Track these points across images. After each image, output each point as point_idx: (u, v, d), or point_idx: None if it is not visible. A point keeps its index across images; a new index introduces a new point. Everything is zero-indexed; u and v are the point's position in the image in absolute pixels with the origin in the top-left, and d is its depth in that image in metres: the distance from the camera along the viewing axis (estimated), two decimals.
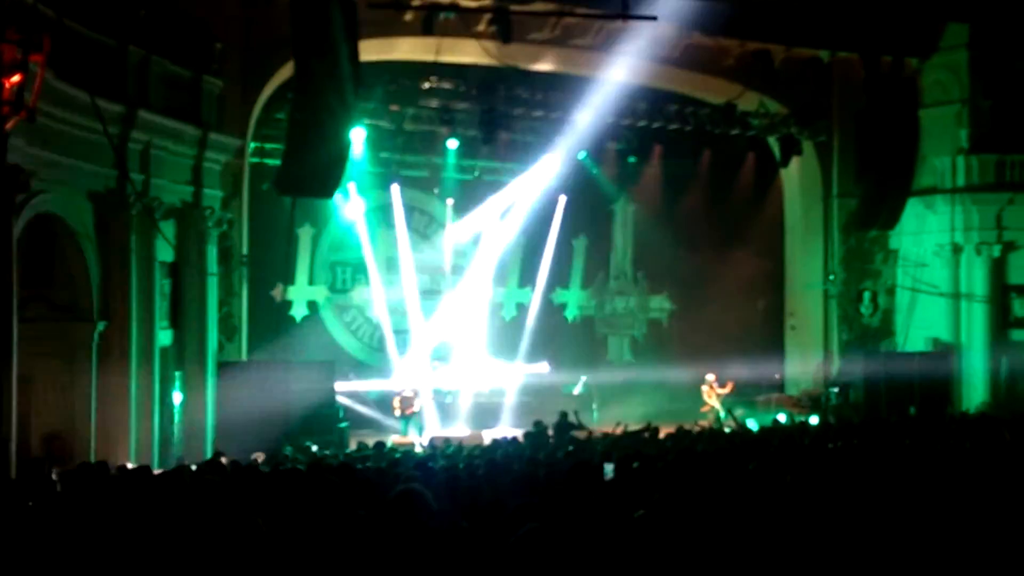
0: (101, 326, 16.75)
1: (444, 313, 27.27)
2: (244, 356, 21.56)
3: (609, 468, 11.85)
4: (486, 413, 25.63)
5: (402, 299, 27.22)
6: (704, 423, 23.24)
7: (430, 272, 28.04)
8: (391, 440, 20.26)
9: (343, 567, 6.87)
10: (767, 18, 24.38)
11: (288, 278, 25.52)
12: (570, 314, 29.76)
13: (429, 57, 21.54)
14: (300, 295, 26.36)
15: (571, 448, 15.51)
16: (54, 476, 11.90)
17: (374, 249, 26.93)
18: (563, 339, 28.68)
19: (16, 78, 12.08)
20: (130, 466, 14.35)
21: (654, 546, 6.27)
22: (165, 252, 18.33)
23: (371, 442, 17.13)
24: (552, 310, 29.31)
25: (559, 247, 28.82)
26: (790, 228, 27.54)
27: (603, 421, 24.47)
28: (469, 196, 27.43)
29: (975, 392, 24.64)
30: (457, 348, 26.76)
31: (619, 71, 24.86)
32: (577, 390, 25.22)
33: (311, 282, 26.67)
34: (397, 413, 23.33)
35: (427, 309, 28.06)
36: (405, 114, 23.01)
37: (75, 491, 10.13)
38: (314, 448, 18.14)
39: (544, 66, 23.90)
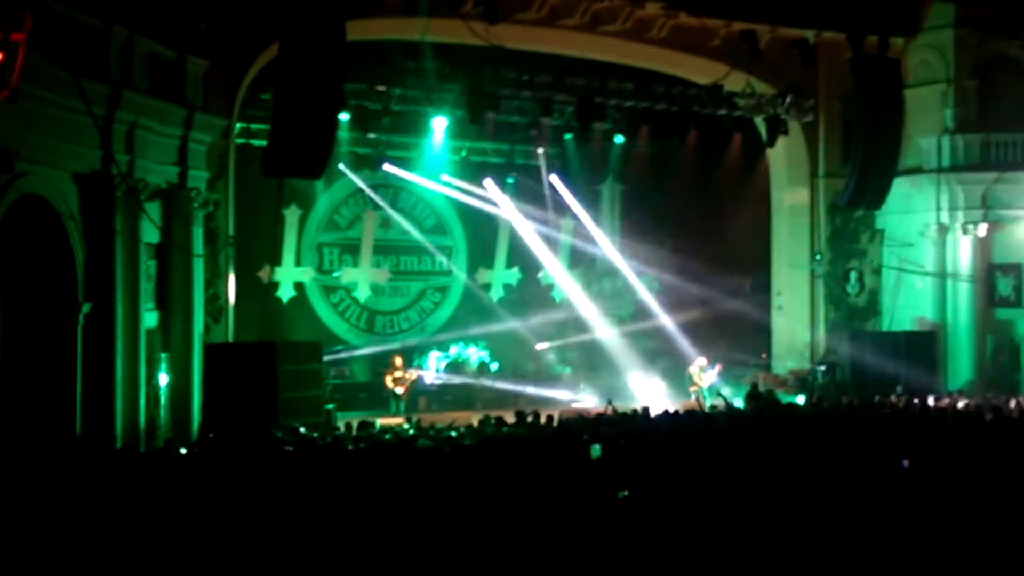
0: (86, 308, 16.67)
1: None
2: (230, 338, 21.50)
3: (597, 448, 11.94)
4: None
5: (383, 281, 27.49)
6: (690, 403, 23.35)
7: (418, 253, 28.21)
8: (379, 421, 20.25)
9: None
10: None
11: (275, 259, 25.46)
12: (558, 294, 29.77)
13: (415, 37, 21.43)
14: (287, 276, 26.30)
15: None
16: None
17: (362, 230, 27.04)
18: (550, 319, 28.69)
19: None
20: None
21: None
22: (150, 233, 18.24)
23: (355, 423, 17.14)
24: (540, 290, 29.37)
25: (546, 227, 28.83)
26: (776, 208, 27.57)
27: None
28: (456, 176, 27.42)
29: (961, 371, 24.79)
30: None
31: (606, 51, 24.85)
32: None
33: (298, 263, 26.62)
34: (395, 391, 23.40)
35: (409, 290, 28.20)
36: (392, 94, 22.92)
37: (66, 471, 10.13)
38: (302, 429, 18.12)
39: (531, 46, 23.82)
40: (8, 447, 14.15)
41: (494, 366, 27.10)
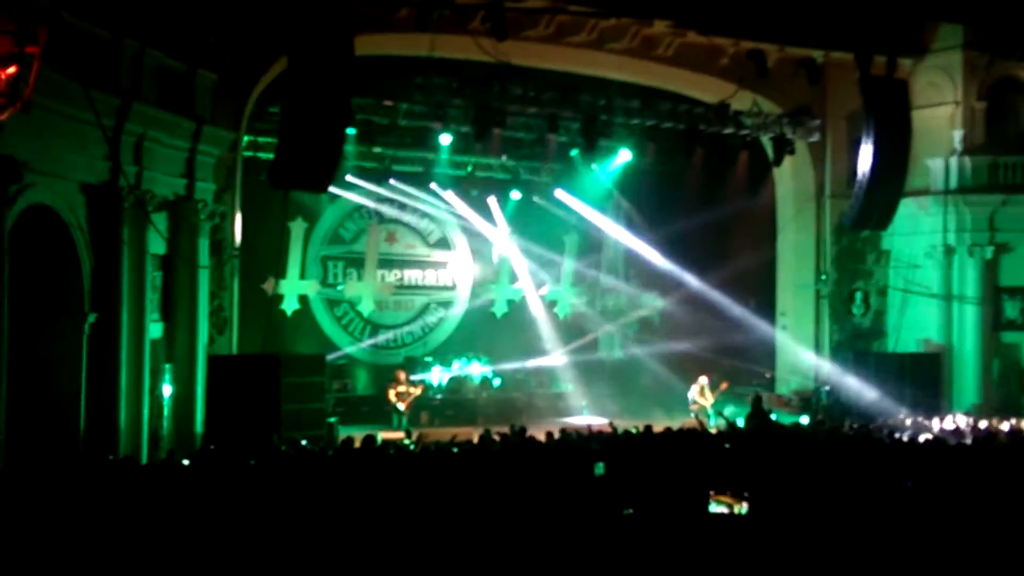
0: (92, 318, 16.71)
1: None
2: (234, 349, 21.52)
3: (600, 466, 11.92)
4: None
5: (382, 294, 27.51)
6: (692, 421, 23.29)
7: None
8: (380, 435, 20.19)
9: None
10: (761, 17, 24.38)
11: (279, 272, 25.49)
12: (561, 311, 29.78)
13: (423, 52, 21.50)
14: (291, 289, 26.36)
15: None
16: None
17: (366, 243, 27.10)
18: (554, 336, 28.71)
19: (11, 69, 12.05)
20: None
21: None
22: (157, 244, 18.28)
23: (359, 437, 17.09)
24: (544, 306, 29.37)
25: (550, 244, 28.87)
26: (782, 227, 27.54)
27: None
28: (462, 192, 27.51)
29: (966, 394, 24.72)
30: None
31: (613, 69, 24.90)
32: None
33: (302, 276, 26.68)
34: (397, 405, 23.33)
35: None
36: (399, 109, 22.98)
37: (69, 483, 10.13)
38: (303, 442, 18.10)
39: (538, 63, 23.88)
40: (13, 456, 14.15)
41: (496, 382, 27.08)
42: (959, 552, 7.62)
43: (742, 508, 7.91)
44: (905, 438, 17.19)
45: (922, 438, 17.02)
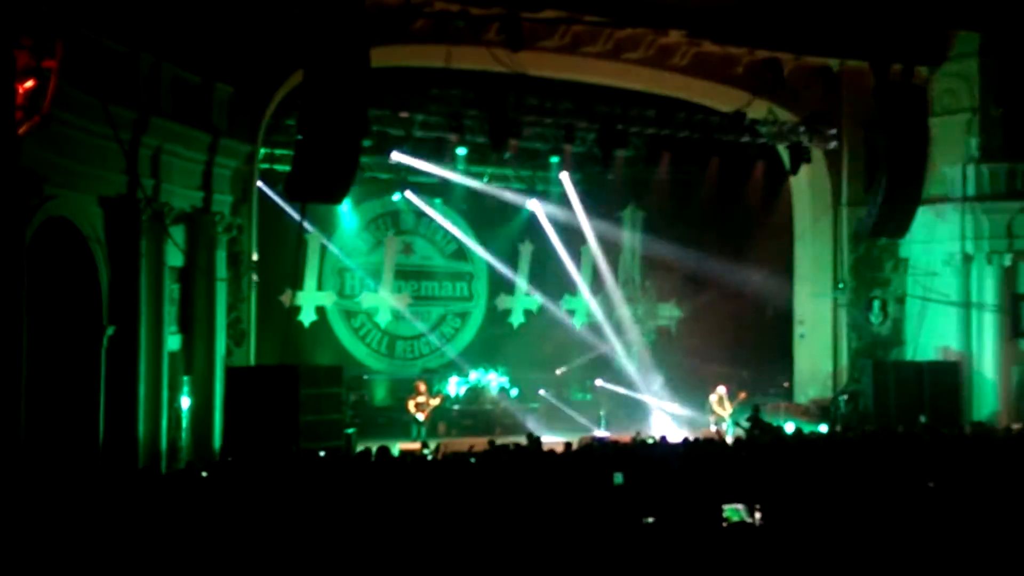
0: (110, 330, 16.77)
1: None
2: (252, 361, 21.58)
3: (619, 477, 11.90)
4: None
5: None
6: (710, 432, 23.23)
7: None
8: (399, 446, 20.21)
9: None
10: (776, 26, 24.34)
11: (297, 283, 25.57)
12: (578, 321, 29.75)
13: (439, 64, 21.56)
14: (308, 300, 26.43)
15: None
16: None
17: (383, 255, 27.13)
18: (571, 346, 28.68)
19: (30, 83, 12.15)
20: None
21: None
22: (174, 257, 18.36)
23: (374, 447, 17.10)
24: (561, 316, 29.33)
25: (567, 254, 28.86)
26: (799, 236, 27.48)
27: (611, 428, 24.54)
28: (477, 203, 27.55)
29: (985, 402, 24.56)
30: None
31: (628, 78, 24.91)
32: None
33: (319, 288, 26.76)
34: (416, 416, 23.32)
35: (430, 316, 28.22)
36: (414, 120, 23.03)
37: (88, 493, 10.17)
38: (321, 453, 18.13)
39: (554, 73, 23.91)
40: (32, 468, 14.20)
41: (514, 392, 27.06)
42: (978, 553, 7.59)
43: (756, 517, 7.90)
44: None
45: None
